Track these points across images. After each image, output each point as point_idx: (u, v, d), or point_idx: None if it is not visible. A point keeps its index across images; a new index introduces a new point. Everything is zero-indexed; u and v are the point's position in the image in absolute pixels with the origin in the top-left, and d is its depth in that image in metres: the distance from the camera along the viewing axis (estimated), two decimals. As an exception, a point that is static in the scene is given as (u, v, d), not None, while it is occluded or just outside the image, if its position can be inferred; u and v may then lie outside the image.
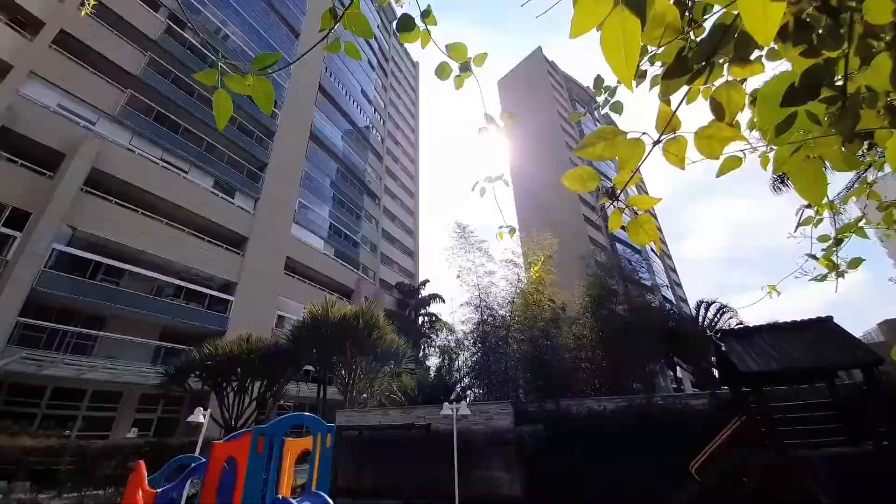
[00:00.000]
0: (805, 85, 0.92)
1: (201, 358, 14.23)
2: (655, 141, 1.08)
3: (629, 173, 1.10)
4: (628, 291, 18.48)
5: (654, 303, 24.61)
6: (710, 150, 1.03)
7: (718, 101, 1.00)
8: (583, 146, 1.04)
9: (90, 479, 9.35)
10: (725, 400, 8.66)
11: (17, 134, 15.13)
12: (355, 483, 11.06)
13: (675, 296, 61.16)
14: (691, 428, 8.19)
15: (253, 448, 3.78)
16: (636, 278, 20.55)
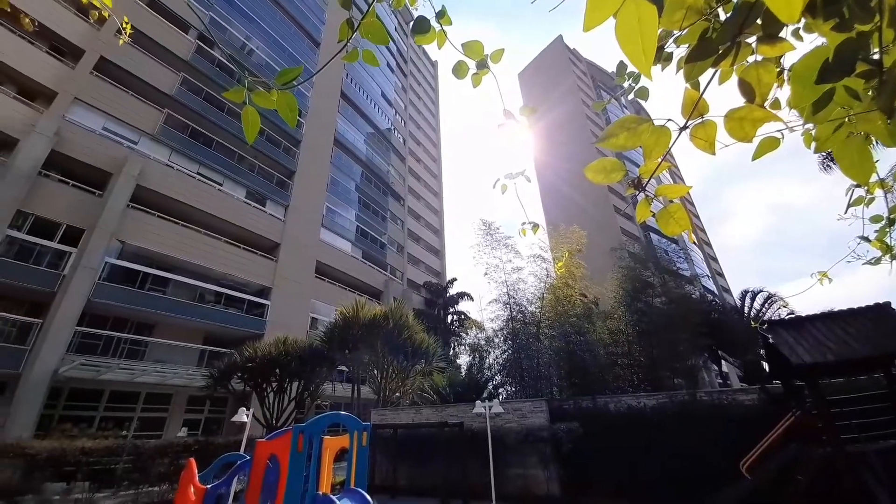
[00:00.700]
0: (838, 60, 0.86)
1: (242, 360, 14.91)
2: (682, 127, 1.04)
3: (655, 162, 1.06)
4: (665, 283, 17.75)
5: (694, 294, 23.55)
6: (742, 133, 0.98)
7: (747, 82, 0.95)
8: (604, 137, 1.02)
9: (145, 477, 10.01)
10: (777, 394, 8.20)
11: (67, 156, 16.34)
12: (392, 481, 11.27)
13: (717, 286, 58.37)
14: (740, 425, 7.80)
15: (293, 446, 3.93)
16: (673, 269, 19.72)
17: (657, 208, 1.20)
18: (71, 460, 9.03)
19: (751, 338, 22.08)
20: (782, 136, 1.19)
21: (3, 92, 15.65)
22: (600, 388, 13.44)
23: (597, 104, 2.28)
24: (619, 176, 1.11)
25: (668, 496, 8.08)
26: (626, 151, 1.29)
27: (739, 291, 27.06)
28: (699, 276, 45.68)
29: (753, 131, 0.98)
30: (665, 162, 1.09)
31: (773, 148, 1.19)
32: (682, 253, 22.99)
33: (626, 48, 0.77)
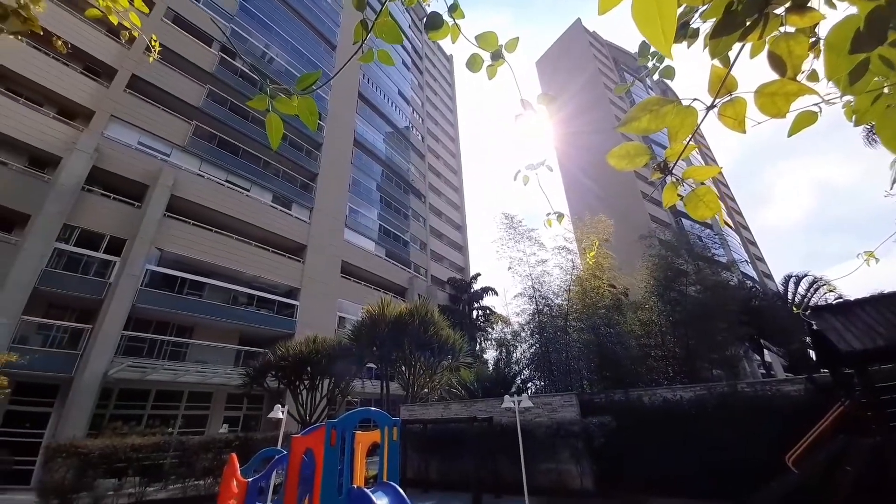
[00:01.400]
0: (870, 29, 0.80)
1: (275, 359, 15.48)
2: (709, 106, 0.99)
3: (681, 144, 1.02)
4: (700, 270, 17.04)
5: (732, 281, 22.52)
6: (774, 109, 0.93)
7: (778, 55, 0.89)
8: (626, 121, 0.98)
9: (191, 472, 10.58)
10: (824, 384, 7.76)
11: (107, 171, 17.33)
12: (424, 475, 11.43)
13: (757, 272, 55.65)
14: (785, 417, 7.42)
15: (327, 441, 4.05)
16: (708, 255, 18.91)
17: (686, 192, 1.15)
18: (122, 457, 9.61)
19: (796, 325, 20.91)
20: (820, 111, 1.12)
21: (44, 113, 16.75)
22: (633, 381, 13.10)
23: (619, 87, 2.19)
24: (643, 160, 1.07)
25: (709, 491, 7.81)
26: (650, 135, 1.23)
27: (782, 276, 25.76)
28: (737, 261, 43.72)
29: (787, 106, 0.93)
30: (692, 143, 1.05)
31: (810, 123, 1.13)
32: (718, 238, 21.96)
33: (644, 29, 0.73)
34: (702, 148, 71.07)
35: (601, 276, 17.19)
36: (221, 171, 22.15)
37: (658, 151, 0.97)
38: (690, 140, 1.02)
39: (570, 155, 55.99)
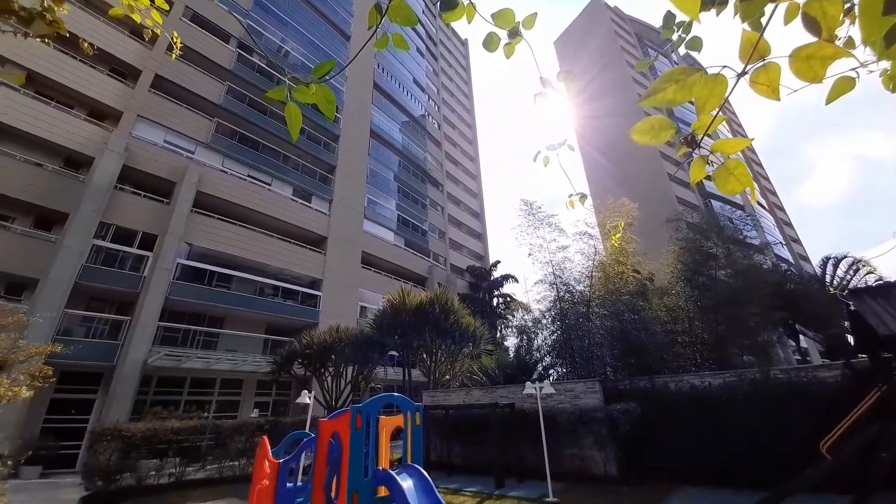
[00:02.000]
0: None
1: (301, 347, 15.98)
2: (740, 73, 0.94)
3: (709, 116, 0.97)
4: (730, 254, 16.40)
5: (765, 264, 21.62)
6: (811, 74, 0.87)
7: (811, 16, 0.83)
8: (649, 93, 0.94)
9: (226, 453, 11.15)
10: (863, 369, 7.41)
11: (137, 170, 18.01)
12: (447, 459, 11.65)
13: (792, 254, 53.28)
14: (821, 404, 7.14)
15: (352, 424, 4.17)
16: (740, 238, 18.16)
17: (714, 169, 1.10)
18: (162, 439, 10.19)
19: (834, 309, 19.98)
20: (857, 76, 1.05)
21: (75, 115, 17.49)
22: (658, 368, 12.85)
23: (641, 63, 2.08)
24: (668, 135, 1.03)
25: (738, 480, 7.66)
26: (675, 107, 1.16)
27: (820, 258, 24.57)
28: (771, 243, 41.89)
29: (823, 70, 0.88)
30: (721, 115, 1.00)
31: (849, 89, 1.06)
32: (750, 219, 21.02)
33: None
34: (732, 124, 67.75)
35: (625, 262, 16.81)
36: (243, 166, 22.67)
37: (684, 129, 0.92)
38: (719, 111, 0.97)
39: (592, 139, 54.50)
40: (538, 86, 1.49)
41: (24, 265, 14.43)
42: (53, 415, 14.06)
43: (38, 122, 16.11)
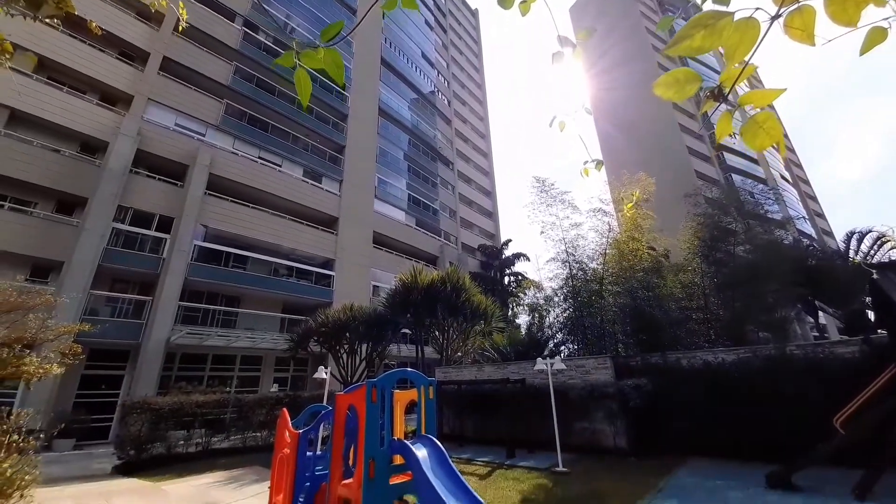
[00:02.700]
0: None
1: (316, 325, 16.36)
2: (773, 16, 0.87)
3: (740, 64, 0.90)
4: (750, 229, 15.94)
5: (787, 239, 21.03)
6: (846, 17, 0.81)
7: None
8: (675, 42, 0.87)
9: (248, 425, 11.68)
10: (882, 346, 7.25)
11: (150, 153, 18.21)
12: (459, 431, 11.98)
13: (815, 228, 51.66)
14: (837, 380, 7.02)
15: (368, 397, 4.28)
16: (761, 213, 17.61)
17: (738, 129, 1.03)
18: (188, 412, 10.70)
19: (856, 285, 19.46)
20: (889, 26, 0.97)
21: (87, 100, 17.63)
22: (671, 345, 12.80)
23: (662, 22, 1.94)
24: (694, 88, 0.96)
25: (748, 453, 7.70)
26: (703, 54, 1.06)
27: (844, 233, 23.84)
28: (793, 218, 40.61)
29: (857, 14, 0.82)
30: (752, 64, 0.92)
31: (881, 40, 0.98)
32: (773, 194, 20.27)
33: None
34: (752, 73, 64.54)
35: (640, 238, 16.52)
36: (254, 147, 22.70)
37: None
38: (751, 59, 0.90)
39: (608, 112, 52.73)
40: (554, 52, 1.41)
41: (48, 248, 14.92)
42: (85, 390, 14.83)
43: (52, 107, 16.32)
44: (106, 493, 7.31)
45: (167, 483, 8.02)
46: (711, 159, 45.38)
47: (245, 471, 8.90)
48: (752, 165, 47.33)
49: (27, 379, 6.66)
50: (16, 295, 7.76)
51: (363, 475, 4.05)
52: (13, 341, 6.90)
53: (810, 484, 5.98)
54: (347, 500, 4.25)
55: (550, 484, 6.87)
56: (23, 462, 3.54)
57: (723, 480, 6.61)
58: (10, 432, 3.46)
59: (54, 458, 10.99)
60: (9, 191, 15.22)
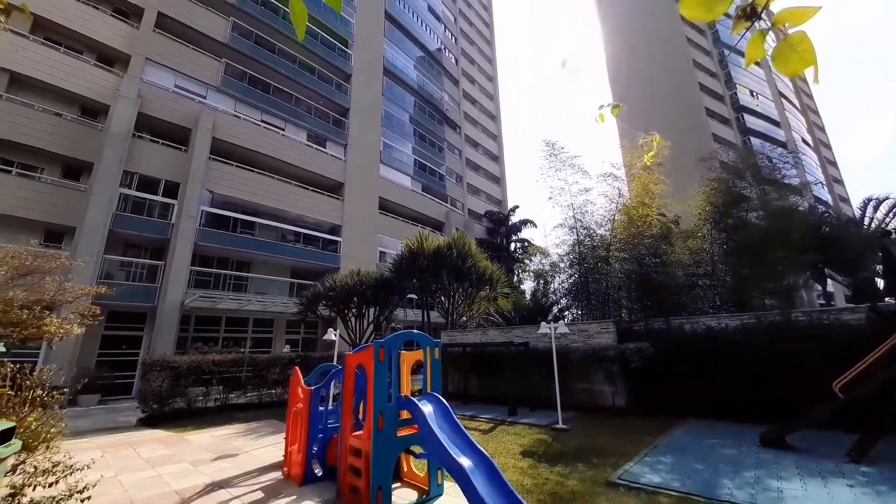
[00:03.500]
0: None
1: (324, 290, 16.68)
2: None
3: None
4: (765, 195, 15.51)
5: (802, 206, 20.53)
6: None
7: None
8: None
9: (263, 383, 12.24)
10: (889, 313, 7.21)
11: (151, 116, 17.91)
12: (463, 391, 12.44)
13: (832, 195, 50.24)
14: (841, 346, 7.03)
15: (376, 357, 4.41)
16: (777, 178, 17.06)
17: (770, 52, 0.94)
18: (206, 370, 11.19)
19: (867, 253, 19.20)
20: None
21: (85, 60, 17.18)
22: (676, 311, 12.88)
23: None
24: (724, 6, 0.88)
25: (746, 416, 7.90)
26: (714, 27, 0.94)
27: (861, 200, 23.31)
28: (811, 183, 39.44)
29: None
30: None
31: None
32: (792, 158, 19.54)
33: None
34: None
35: (650, 204, 16.21)
36: (256, 110, 22.20)
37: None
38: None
39: (623, 72, 50.32)
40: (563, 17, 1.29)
41: (59, 214, 15.12)
42: (106, 349, 15.52)
43: (49, 69, 15.98)
44: (132, 443, 7.81)
45: (189, 434, 8.53)
46: (730, 121, 43.55)
47: (261, 423, 9.41)
48: (772, 128, 45.41)
49: (49, 339, 6.96)
50: (31, 259, 7.95)
51: (372, 427, 4.26)
52: (33, 303, 7.15)
53: (804, 445, 6.16)
54: (358, 449, 4.49)
55: (550, 439, 7.18)
56: (48, 416, 3.72)
57: (718, 439, 6.84)
58: (33, 388, 3.61)
59: (80, 412, 11.69)
60: (15, 156, 15.24)
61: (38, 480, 3.21)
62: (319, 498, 4.68)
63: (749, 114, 44.10)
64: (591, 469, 5.38)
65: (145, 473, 5.78)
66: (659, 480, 4.87)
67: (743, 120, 43.41)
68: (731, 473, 5.08)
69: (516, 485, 4.73)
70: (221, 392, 11.52)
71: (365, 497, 4.19)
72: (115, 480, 5.41)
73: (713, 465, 5.47)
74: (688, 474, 5.09)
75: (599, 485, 4.80)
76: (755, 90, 46.78)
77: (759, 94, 47.11)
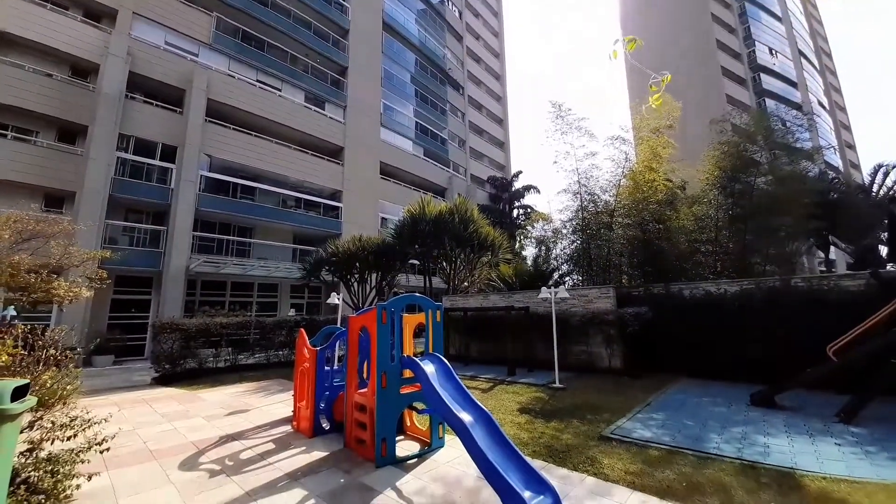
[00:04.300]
0: None
1: (327, 255, 16.82)
2: None
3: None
4: (775, 159, 15.12)
5: (812, 171, 20.09)
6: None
7: None
8: None
9: (270, 344, 12.66)
10: (890, 279, 7.22)
11: (143, 76, 17.28)
12: (464, 353, 12.81)
13: (843, 160, 49.04)
14: (840, 312, 7.08)
15: (378, 319, 4.51)
16: (789, 142, 16.54)
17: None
18: (215, 332, 11.53)
19: (873, 220, 19.00)
20: None
21: (72, 17, 16.38)
22: (676, 276, 12.96)
23: None
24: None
25: (740, 378, 8.13)
26: None
27: (872, 166, 22.86)
28: (823, 148, 38.38)
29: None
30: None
31: None
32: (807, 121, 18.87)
33: None
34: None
35: (657, 168, 15.87)
36: (250, 69, 21.37)
37: None
38: None
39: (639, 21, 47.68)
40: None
41: (58, 178, 15.00)
42: (116, 312, 15.89)
43: (35, 26, 15.32)
44: (147, 400, 8.19)
45: (202, 391, 8.92)
46: (746, 82, 41.73)
47: (270, 382, 9.81)
48: (788, 89, 43.59)
49: (59, 302, 7.10)
50: (34, 223, 7.97)
51: (376, 385, 4.43)
52: (40, 267, 7.25)
53: (793, 404, 6.38)
54: (363, 405, 4.70)
55: (546, 397, 7.47)
56: (62, 374, 3.84)
57: (710, 398, 7.10)
58: (46, 347, 3.72)
59: (96, 372, 12.17)
60: (8, 119, 14.92)
61: (56, 434, 3.37)
62: (328, 448, 4.95)
63: (766, 73, 42.17)
64: (585, 424, 5.63)
65: (162, 427, 6.10)
66: (650, 435, 5.11)
67: (759, 80, 41.57)
68: (720, 429, 5.30)
69: (513, 438, 4.98)
70: (231, 353, 11.92)
71: (370, 448, 4.43)
72: (133, 434, 5.73)
73: (703, 421, 5.71)
74: (678, 430, 5.33)
75: (592, 439, 5.04)
76: (775, 48, 44.47)
77: (779, 52, 44.82)
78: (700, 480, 3.75)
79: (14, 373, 3.42)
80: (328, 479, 4.06)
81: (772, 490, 3.53)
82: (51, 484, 3.14)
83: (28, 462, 3.21)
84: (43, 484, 3.10)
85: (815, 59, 52.26)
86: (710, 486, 3.63)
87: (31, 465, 3.20)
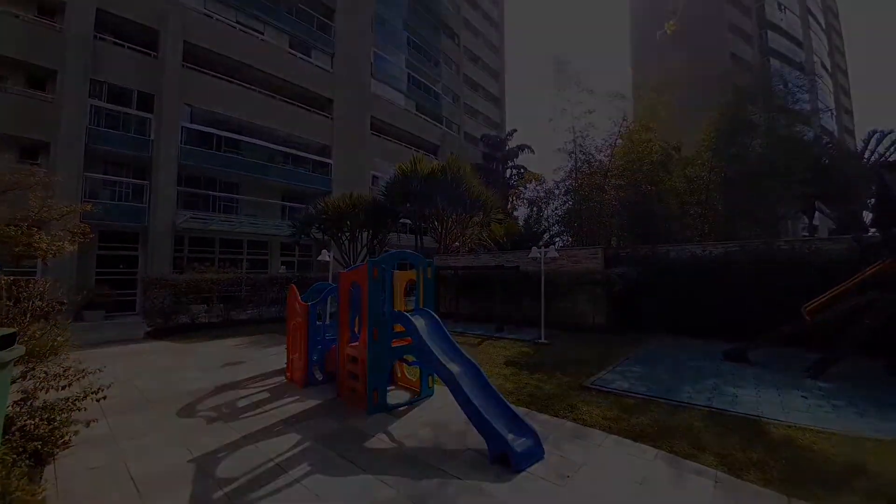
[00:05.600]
0: None
1: (317, 213, 16.59)
2: None
3: None
4: (773, 122, 14.92)
5: (807, 135, 19.93)
6: None
7: None
8: None
9: (262, 300, 12.75)
10: (871, 243, 7.41)
11: (112, 15, 15.87)
12: (455, 310, 13.13)
13: (838, 125, 48.52)
14: (820, 275, 7.30)
15: (370, 274, 4.54)
16: (788, 104, 16.24)
17: None
18: (205, 288, 11.52)
19: (860, 186, 19.22)
20: None
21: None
22: (665, 238, 13.17)
23: None
24: None
25: (717, 334, 8.49)
26: None
27: (866, 132, 22.79)
28: (821, 111, 37.88)
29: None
30: None
31: None
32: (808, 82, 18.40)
33: None
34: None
35: (654, 128, 15.61)
36: (229, 8, 19.78)
37: None
38: None
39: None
40: None
41: (30, 127, 14.13)
42: (103, 268, 15.69)
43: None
44: (142, 352, 8.33)
45: (195, 345, 9.08)
46: (753, 39, 40.13)
47: (263, 336, 10.01)
48: (793, 48, 42.18)
49: (42, 255, 6.96)
50: (8, 175, 7.62)
51: (367, 339, 4.54)
52: (19, 220, 7.02)
53: (765, 360, 6.74)
54: (355, 357, 4.84)
55: (532, 351, 7.79)
56: (51, 326, 3.82)
57: (687, 354, 7.47)
58: (32, 298, 3.68)
59: (88, 327, 12.20)
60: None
61: (51, 384, 3.41)
62: (321, 397, 5.16)
63: (773, 30, 40.55)
64: (568, 376, 5.92)
65: (158, 378, 6.25)
66: (627, 386, 5.41)
67: (766, 38, 40.02)
68: (693, 382, 5.63)
69: (499, 388, 5.20)
70: (223, 310, 11.99)
71: (362, 397, 4.63)
72: (128, 384, 5.87)
73: (679, 374, 6.05)
74: (654, 381, 5.65)
75: (573, 389, 5.32)
76: (783, 3, 42.48)
77: (787, 7, 42.87)
78: (671, 425, 4.03)
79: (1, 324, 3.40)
80: (322, 424, 4.26)
81: (737, 435, 3.81)
82: (47, 430, 3.22)
83: (23, 411, 3.27)
84: (39, 430, 3.17)
85: (821, 17, 50.17)
86: (681, 430, 3.91)
87: (25, 413, 3.26)
